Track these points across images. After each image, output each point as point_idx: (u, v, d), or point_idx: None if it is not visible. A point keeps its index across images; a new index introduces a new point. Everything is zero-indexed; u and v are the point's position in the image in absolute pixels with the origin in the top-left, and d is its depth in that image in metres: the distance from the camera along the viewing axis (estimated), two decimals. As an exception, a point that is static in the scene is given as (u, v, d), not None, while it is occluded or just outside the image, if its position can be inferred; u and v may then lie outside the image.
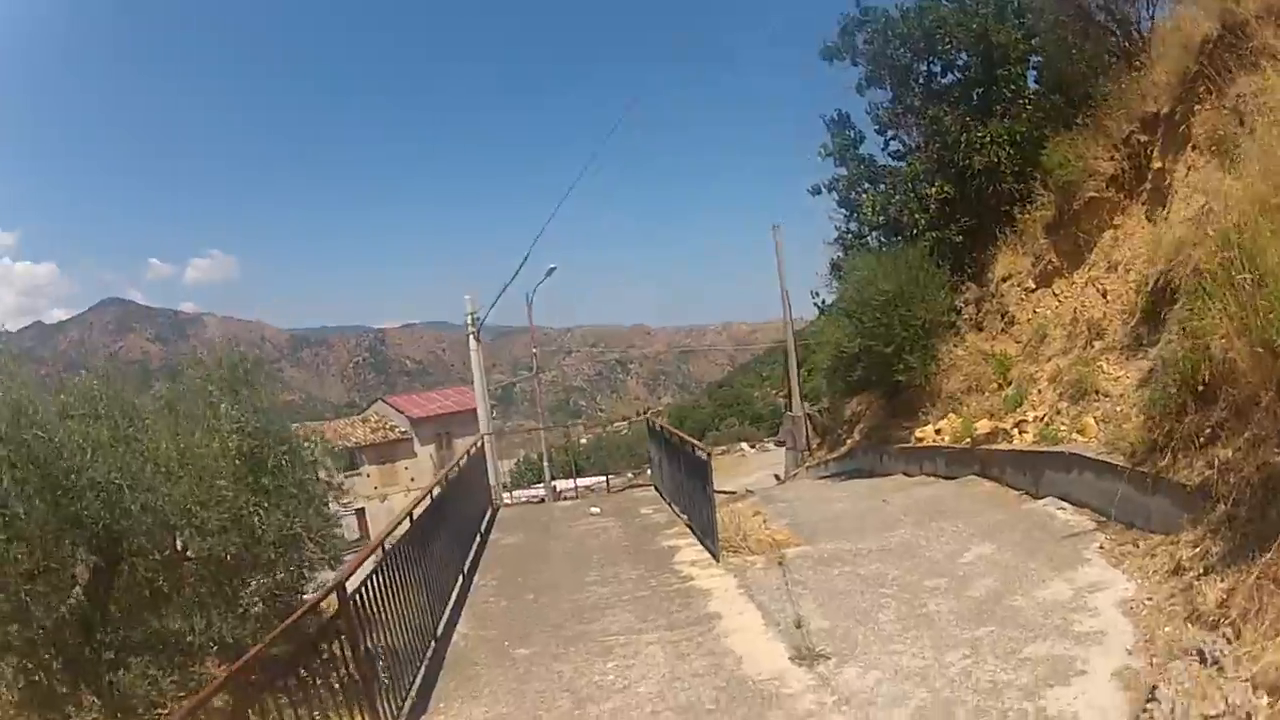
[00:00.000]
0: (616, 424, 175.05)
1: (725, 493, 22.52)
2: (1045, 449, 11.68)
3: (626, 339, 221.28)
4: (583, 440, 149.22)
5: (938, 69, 21.71)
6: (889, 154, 22.88)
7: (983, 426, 14.03)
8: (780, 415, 42.82)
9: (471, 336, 22.51)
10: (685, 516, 12.96)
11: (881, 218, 21.53)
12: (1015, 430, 13.26)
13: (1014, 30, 19.93)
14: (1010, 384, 15.31)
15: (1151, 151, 13.60)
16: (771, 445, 48.07)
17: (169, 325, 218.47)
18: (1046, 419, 12.76)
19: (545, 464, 37.58)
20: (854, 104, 23.66)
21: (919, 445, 16.94)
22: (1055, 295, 16.13)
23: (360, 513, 50.11)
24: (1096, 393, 11.72)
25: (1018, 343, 16.54)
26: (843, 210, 23.37)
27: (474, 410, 56.89)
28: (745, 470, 43.43)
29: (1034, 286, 17.03)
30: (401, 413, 57.71)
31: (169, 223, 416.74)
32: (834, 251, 23.78)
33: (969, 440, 14.44)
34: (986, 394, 16.13)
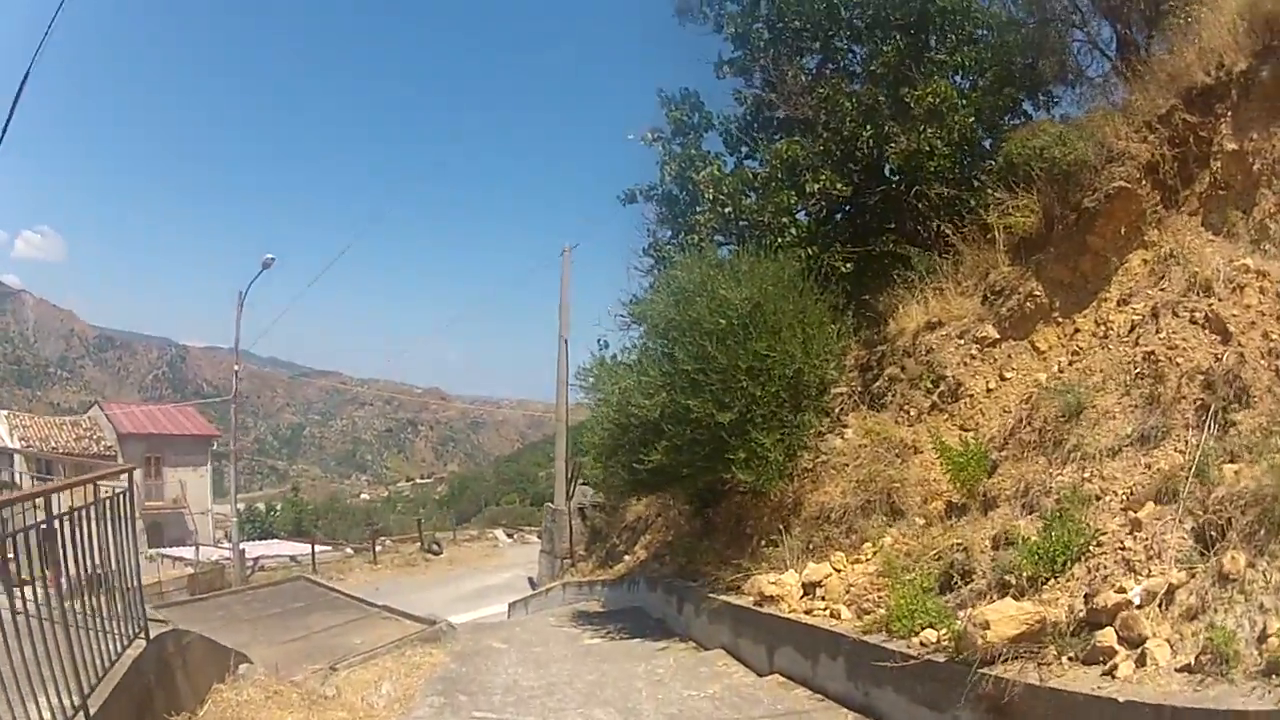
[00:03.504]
0: (400, 484, 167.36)
1: (417, 620, 12.77)
2: None
3: (421, 401, 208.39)
4: (364, 496, 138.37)
5: (841, 43, 13.88)
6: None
7: (1002, 620, 4.86)
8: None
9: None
10: None
11: (727, 210, 12.70)
12: (1129, 642, 4.36)
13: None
14: (979, 498, 7.13)
15: (1214, 132, 8.02)
16: (534, 538, 38.32)
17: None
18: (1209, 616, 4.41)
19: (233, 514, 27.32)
20: (710, 88, 15.61)
21: (763, 610, 8.04)
22: (1038, 349, 8.71)
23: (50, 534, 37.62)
24: None
25: (965, 430, 8.55)
26: (668, 225, 14.39)
27: (195, 436, 45.31)
28: (495, 565, 33.05)
29: (996, 336, 9.17)
30: (111, 424, 44.37)
31: (7, 188, 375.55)
32: (640, 283, 14.52)
33: (939, 644, 5.60)
34: (920, 519, 7.85)
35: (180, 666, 6.39)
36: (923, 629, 5.68)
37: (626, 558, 16.38)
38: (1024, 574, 5.42)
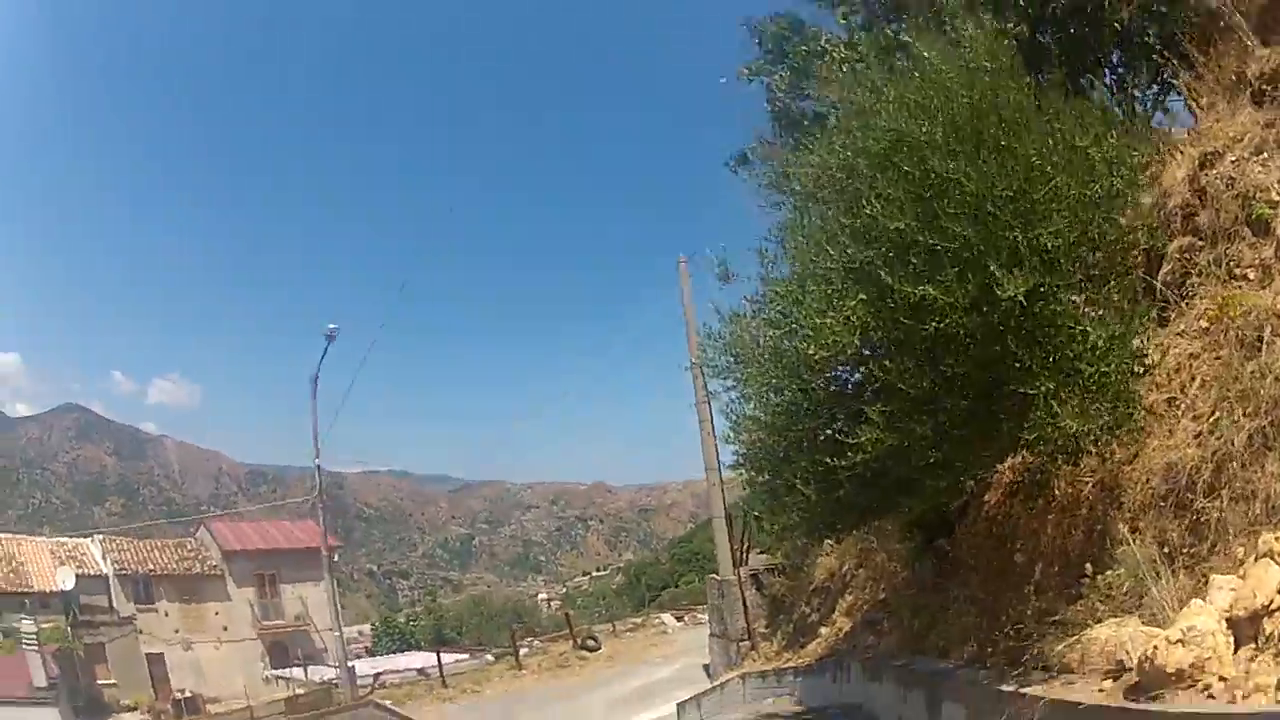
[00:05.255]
0: (577, 579, 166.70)
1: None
2: None
3: (586, 496, 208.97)
4: (541, 595, 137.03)
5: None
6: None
7: None
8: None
9: None
10: None
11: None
12: None
13: None
14: None
15: None
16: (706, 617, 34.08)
17: (129, 441, 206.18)
18: None
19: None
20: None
21: (1169, 709, 3.50)
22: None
23: (158, 659, 36.95)
24: None
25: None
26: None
27: (312, 549, 42.97)
28: (662, 655, 28.56)
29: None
30: (216, 542, 43.18)
31: (134, 337, 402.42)
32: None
33: None
34: None
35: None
36: None
37: (823, 630, 12.33)
38: None
